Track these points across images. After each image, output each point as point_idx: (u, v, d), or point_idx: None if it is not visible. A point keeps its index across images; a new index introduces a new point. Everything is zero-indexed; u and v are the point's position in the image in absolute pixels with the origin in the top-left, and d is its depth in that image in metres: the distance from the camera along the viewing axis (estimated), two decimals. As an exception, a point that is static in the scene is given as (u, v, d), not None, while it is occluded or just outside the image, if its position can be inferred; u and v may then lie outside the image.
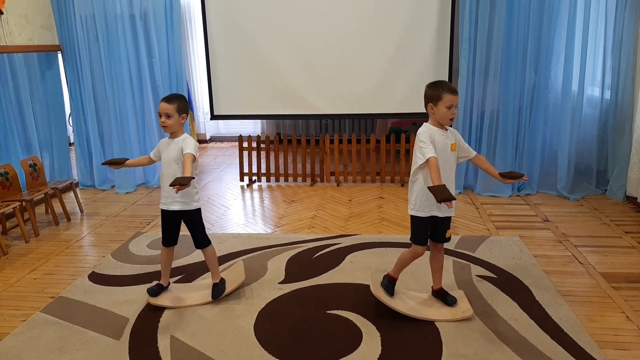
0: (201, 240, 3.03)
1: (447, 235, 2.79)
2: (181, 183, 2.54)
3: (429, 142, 2.57)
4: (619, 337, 2.60)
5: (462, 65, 4.94)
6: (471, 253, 3.64)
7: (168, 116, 2.82)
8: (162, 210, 2.97)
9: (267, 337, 2.68)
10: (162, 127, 2.86)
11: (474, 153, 2.80)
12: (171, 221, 2.98)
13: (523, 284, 3.16)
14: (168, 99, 2.85)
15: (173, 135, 2.90)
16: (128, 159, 3.13)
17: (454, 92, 2.59)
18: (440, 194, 2.32)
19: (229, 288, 3.11)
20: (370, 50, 5.35)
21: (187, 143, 2.84)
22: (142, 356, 2.55)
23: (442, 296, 2.90)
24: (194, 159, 2.79)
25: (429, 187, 2.42)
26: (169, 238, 3.02)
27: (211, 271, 3.12)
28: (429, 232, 2.75)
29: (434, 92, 2.61)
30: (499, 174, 2.72)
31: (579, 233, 4.00)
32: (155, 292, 3.05)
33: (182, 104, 2.88)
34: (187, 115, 2.94)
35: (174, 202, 2.89)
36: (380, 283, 2.94)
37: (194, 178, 2.69)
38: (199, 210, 2.99)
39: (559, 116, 4.89)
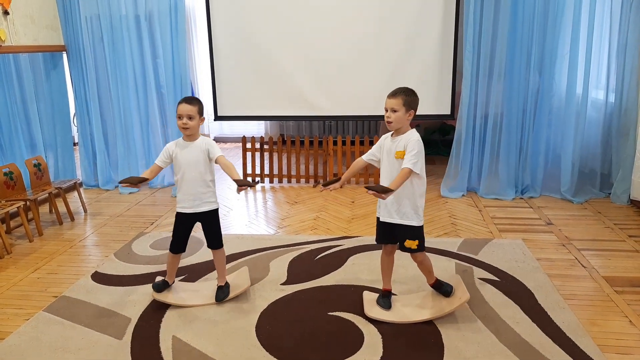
0: (217, 241, 3.02)
1: (406, 244, 2.70)
2: (248, 185, 2.64)
3: (375, 146, 2.82)
4: (622, 342, 2.59)
5: (466, 68, 4.94)
6: (474, 256, 3.64)
7: (190, 117, 2.81)
8: (182, 214, 2.94)
9: (269, 338, 2.68)
10: (183, 129, 2.83)
11: (404, 167, 2.56)
12: (187, 226, 2.97)
13: (525, 287, 3.15)
14: (189, 101, 2.83)
15: (191, 137, 2.88)
16: (146, 178, 2.91)
17: (391, 95, 2.65)
18: (327, 180, 2.68)
19: (233, 293, 3.10)
20: (374, 52, 5.35)
21: (212, 145, 2.87)
22: (144, 356, 2.56)
23: (438, 287, 2.91)
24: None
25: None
26: (180, 245, 3.01)
27: (218, 273, 3.12)
28: (381, 232, 2.80)
29: None
30: (365, 185, 2.73)
31: (582, 236, 3.99)
32: (160, 287, 3.06)
33: (201, 105, 2.89)
34: (204, 117, 2.93)
35: (203, 203, 2.90)
36: (375, 301, 2.94)
37: (257, 182, 2.89)
38: (218, 211, 3.02)
39: (563, 119, 4.88)
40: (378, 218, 2.79)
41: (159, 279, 3.16)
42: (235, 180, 2.68)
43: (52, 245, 4.12)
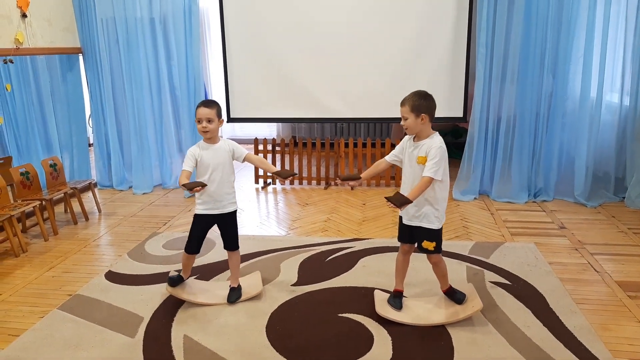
0: (235, 242, 3.07)
1: (424, 245, 2.72)
2: (292, 174, 2.88)
3: (397, 148, 2.81)
4: (634, 347, 2.57)
5: (479, 70, 4.92)
6: (485, 259, 3.62)
7: (209, 121, 2.84)
8: (203, 216, 2.95)
9: (279, 339, 2.69)
10: (203, 133, 2.86)
11: (425, 175, 2.56)
12: (206, 228, 3.00)
13: (537, 291, 3.13)
14: (207, 104, 2.86)
15: (212, 140, 2.91)
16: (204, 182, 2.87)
17: (401, 104, 2.66)
18: (345, 174, 2.57)
19: (244, 296, 3.12)
20: (386, 54, 5.35)
21: (236, 145, 2.96)
22: (156, 355, 2.59)
23: (451, 295, 2.91)
24: None
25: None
26: (197, 246, 3.03)
27: (232, 274, 3.15)
28: (401, 232, 2.83)
29: None
30: (385, 196, 2.61)
31: (595, 241, 3.95)
32: (175, 281, 3.09)
33: (220, 108, 2.92)
34: (223, 119, 2.96)
35: (229, 204, 2.97)
36: (386, 300, 2.95)
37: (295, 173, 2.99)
38: (236, 212, 3.08)
39: (577, 122, 4.84)
40: (400, 218, 2.79)
41: (173, 272, 3.18)
42: (276, 173, 2.85)
43: (66, 245, 4.18)
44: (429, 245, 2.72)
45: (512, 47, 4.81)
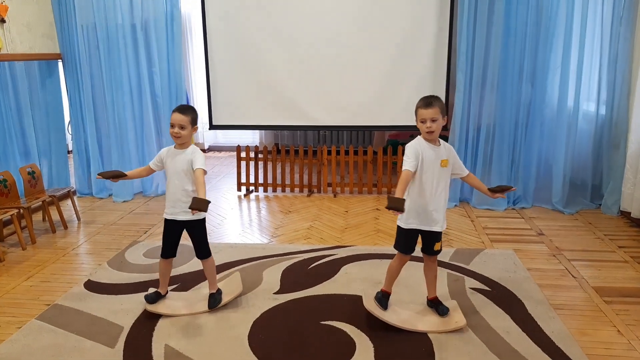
0: (203, 251, 3.03)
1: (436, 248, 2.81)
2: (200, 208, 2.56)
3: (412, 155, 2.64)
4: (610, 351, 2.62)
5: (459, 79, 5.00)
6: (465, 265, 3.66)
7: (182, 127, 2.82)
8: (167, 220, 2.96)
9: (261, 347, 2.69)
10: (175, 138, 2.85)
11: (467, 172, 2.84)
12: (174, 232, 2.98)
13: (516, 296, 3.18)
14: (182, 110, 2.84)
15: (182, 145, 2.90)
16: (126, 173, 3.01)
17: (427, 106, 2.62)
18: (391, 202, 2.39)
19: (225, 299, 3.12)
20: (369, 62, 5.40)
21: (197, 157, 2.84)
22: (136, 365, 2.56)
23: (435, 305, 2.93)
24: (205, 173, 2.82)
25: (388, 195, 2.52)
26: (169, 250, 3.02)
27: (209, 281, 3.13)
28: (413, 242, 2.82)
29: (415, 108, 2.70)
30: (488, 189, 2.82)
31: (573, 247, 4.03)
32: (152, 299, 3.06)
33: (195, 115, 2.90)
34: (197, 126, 2.94)
35: (182, 212, 2.89)
36: (374, 297, 2.97)
37: (210, 202, 2.65)
38: (204, 221, 3.00)
39: (555, 131, 4.93)
40: (417, 230, 2.77)
41: (151, 290, 3.16)
42: (193, 198, 2.64)
43: (45, 254, 4.11)
44: (438, 246, 2.81)
45: (491, 56, 4.90)
